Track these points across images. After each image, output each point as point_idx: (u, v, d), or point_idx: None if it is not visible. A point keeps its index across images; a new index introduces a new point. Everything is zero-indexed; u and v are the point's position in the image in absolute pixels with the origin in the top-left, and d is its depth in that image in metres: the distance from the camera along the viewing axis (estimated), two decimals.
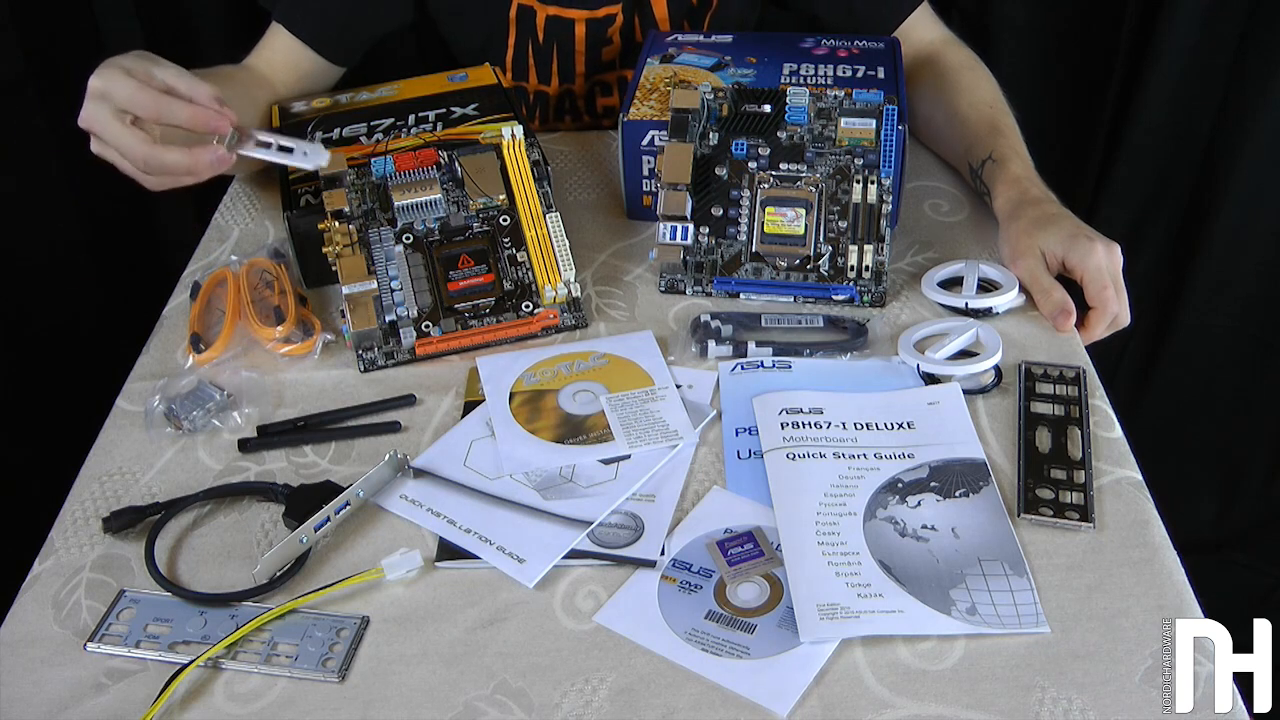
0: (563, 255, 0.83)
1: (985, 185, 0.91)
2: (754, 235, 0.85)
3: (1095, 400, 0.75)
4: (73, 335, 1.28)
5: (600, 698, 0.58)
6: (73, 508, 0.70)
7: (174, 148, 0.73)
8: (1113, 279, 0.81)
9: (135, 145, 0.72)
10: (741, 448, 0.73)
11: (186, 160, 0.73)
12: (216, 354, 0.81)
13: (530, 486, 0.70)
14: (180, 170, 0.74)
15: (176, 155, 0.73)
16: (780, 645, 0.60)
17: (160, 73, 0.73)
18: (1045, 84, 1.35)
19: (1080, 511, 0.67)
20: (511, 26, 1.04)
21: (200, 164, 0.74)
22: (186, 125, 0.73)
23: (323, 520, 0.66)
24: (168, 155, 0.73)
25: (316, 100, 0.97)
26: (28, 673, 0.60)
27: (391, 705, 0.58)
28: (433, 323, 0.81)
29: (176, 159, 0.73)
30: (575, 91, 1.09)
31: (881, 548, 0.65)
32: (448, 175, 0.85)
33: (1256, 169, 1.30)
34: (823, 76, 0.94)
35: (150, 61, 0.74)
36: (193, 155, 0.73)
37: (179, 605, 0.64)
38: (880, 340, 0.81)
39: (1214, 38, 1.25)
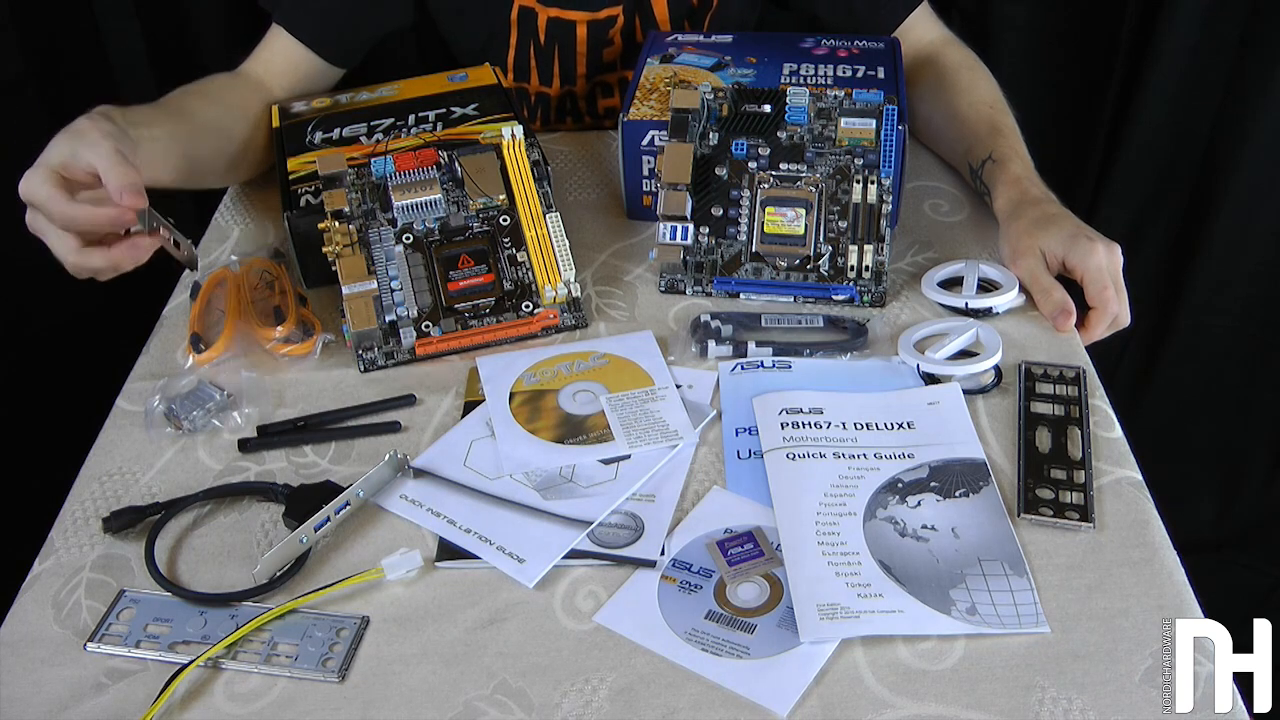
0: (563, 255, 0.83)
1: (985, 185, 0.91)
2: (754, 235, 0.85)
3: (1095, 400, 0.75)
4: (73, 335, 1.28)
5: (600, 698, 0.58)
6: (73, 508, 0.70)
7: (95, 251, 0.73)
8: (1113, 279, 0.81)
9: (63, 253, 0.74)
10: (741, 448, 0.73)
11: (107, 261, 0.74)
12: (216, 354, 0.81)
13: (530, 486, 0.70)
14: (107, 268, 0.74)
15: (98, 258, 0.74)
16: (780, 645, 0.60)
17: (84, 156, 0.73)
18: (1045, 84, 1.35)
19: (1080, 511, 0.67)
20: (513, 28, 1.04)
21: (120, 260, 0.74)
22: (90, 230, 0.73)
23: (323, 520, 0.66)
24: (91, 259, 0.74)
25: (316, 100, 0.97)
26: (28, 673, 0.60)
27: (391, 705, 0.58)
28: (433, 323, 0.81)
29: (98, 261, 0.74)
30: (576, 93, 1.09)
31: (881, 548, 0.65)
32: (448, 175, 0.85)
33: (1256, 169, 1.30)
34: (823, 76, 0.94)
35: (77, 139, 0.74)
36: (111, 255, 0.74)
37: (179, 605, 0.64)
38: (880, 340, 0.81)
39: (1214, 38, 1.25)
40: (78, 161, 0.73)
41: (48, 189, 0.72)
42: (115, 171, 0.73)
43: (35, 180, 0.72)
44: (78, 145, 0.73)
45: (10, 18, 1.16)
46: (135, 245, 0.74)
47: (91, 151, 0.73)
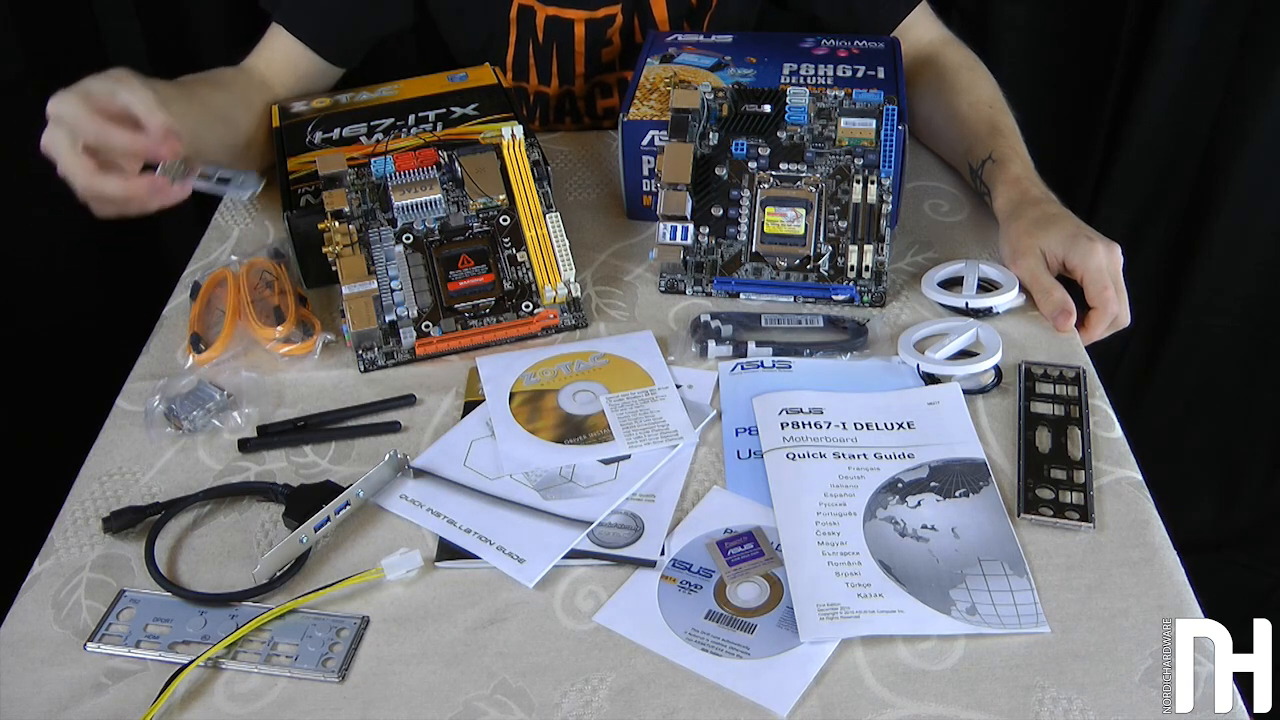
0: (563, 255, 0.83)
1: (985, 185, 0.91)
2: (754, 235, 0.85)
3: (1095, 400, 0.75)
4: (73, 335, 1.28)
5: (600, 698, 0.58)
6: (73, 508, 0.70)
7: (112, 177, 0.73)
8: (1113, 279, 0.81)
9: (76, 172, 0.72)
10: (741, 448, 0.73)
11: (122, 190, 0.73)
12: (216, 354, 0.81)
13: (530, 486, 0.70)
14: (118, 199, 0.74)
15: (113, 184, 0.73)
16: (780, 645, 0.60)
17: (123, 95, 0.73)
18: (1045, 84, 1.35)
19: (1080, 511, 0.67)
20: (512, 27, 1.04)
21: (137, 193, 0.73)
22: (125, 152, 0.73)
23: (323, 520, 0.66)
24: (106, 184, 0.72)
25: (316, 100, 0.97)
26: (28, 673, 0.60)
27: (391, 705, 0.58)
28: (433, 323, 0.81)
29: (113, 188, 0.73)
30: (575, 92, 1.09)
31: (881, 548, 0.65)
32: (448, 175, 0.85)
33: (1256, 169, 1.30)
34: (823, 76, 0.94)
35: (115, 82, 0.74)
36: (129, 185, 0.73)
37: (179, 605, 0.64)
38: (880, 340, 0.81)
39: (1214, 38, 1.25)
40: (114, 100, 0.72)
41: (81, 106, 0.71)
42: (157, 114, 0.72)
43: (69, 98, 0.71)
44: (114, 85, 0.73)
45: (10, 18, 1.16)
46: (156, 185, 0.74)
47: (130, 93, 0.72)
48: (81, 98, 0.72)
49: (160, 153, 0.73)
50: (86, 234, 1.31)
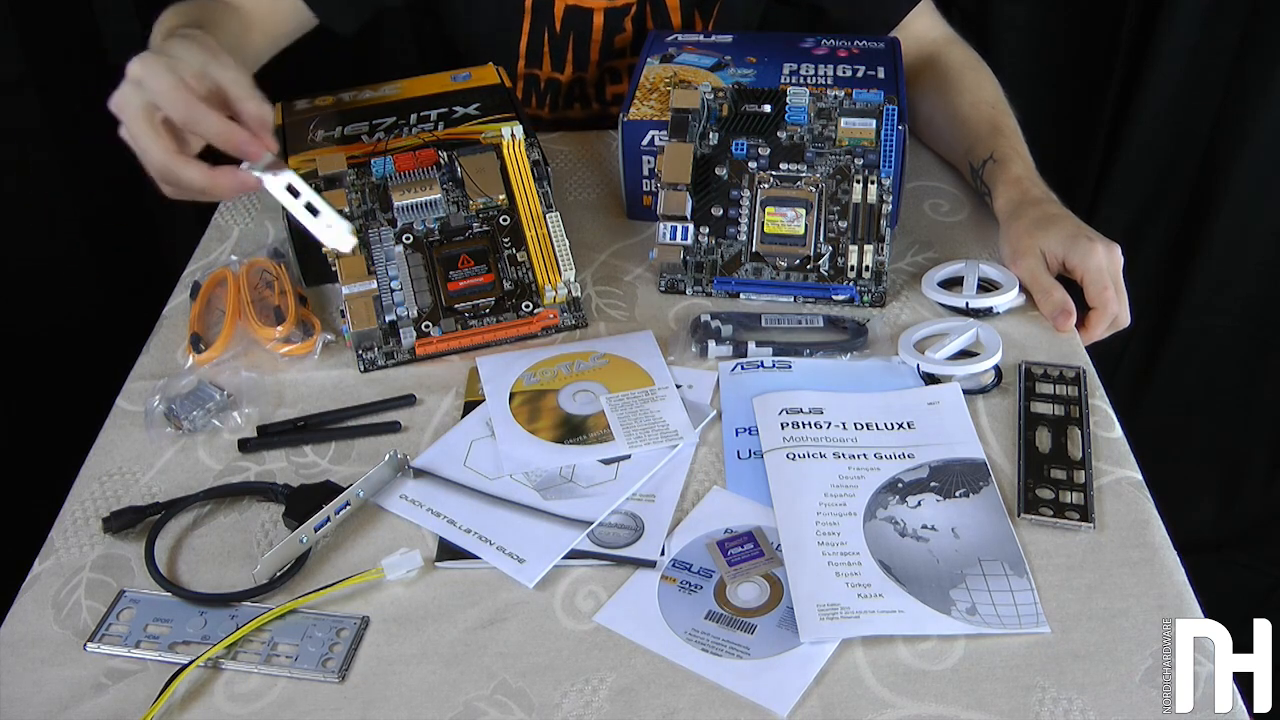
0: (563, 255, 0.83)
1: (986, 185, 0.91)
2: (754, 235, 0.85)
3: (1095, 400, 0.75)
4: (73, 335, 1.28)
5: (600, 698, 0.58)
6: (73, 508, 0.70)
7: (194, 163, 0.67)
8: (1113, 279, 0.81)
9: (154, 150, 0.67)
10: (741, 448, 0.73)
11: (204, 180, 0.68)
12: (216, 354, 0.81)
13: (530, 486, 0.70)
14: (196, 188, 0.68)
15: (195, 172, 0.67)
16: (780, 645, 0.60)
17: (215, 70, 0.67)
18: (1045, 84, 1.35)
19: (1080, 511, 0.67)
20: (527, 14, 1.04)
21: (219, 187, 0.68)
22: (215, 142, 0.67)
23: (323, 520, 0.66)
24: (186, 170, 0.67)
25: (319, 99, 0.97)
26: (28, 673, 0.60)
27: (391, 705, 0.58)
28: (433, 323, 0.81)
29: (194, 176, 0.67)
30: (587, 79, 1.09)
31: (881, 548, 0.65)
32: (448, 175, 0.85)
33: (1256, 169, 1.30)
34: (823, 76, 0.94)
35: (209, 54, 0.68)
36: (212, 175, 0.68)
37: (179, 605, 0.64)
38: (880, 340, 0.81)
39: (1214, 38, 1.25)
40: (205, 75, 0.66)
41: (169, 77, 0.64)
42: (254, 103, 0.66)
43: (156, 65, 0.64)
44: (208, 59, 0.66)
45: (10, 18, 1.16)
46: (241, 181, 0.67)
47: (224, 72, 0.66)
48: (169, 67, 0.65)
49: (251, 150, 0.67)
50: (86, 234, 1.31)
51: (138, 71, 0.66)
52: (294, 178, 0.71)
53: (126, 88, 0.66)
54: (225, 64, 0.68)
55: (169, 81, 0.65)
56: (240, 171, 0.68)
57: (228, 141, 0.67)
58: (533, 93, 1.10)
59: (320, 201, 0.72)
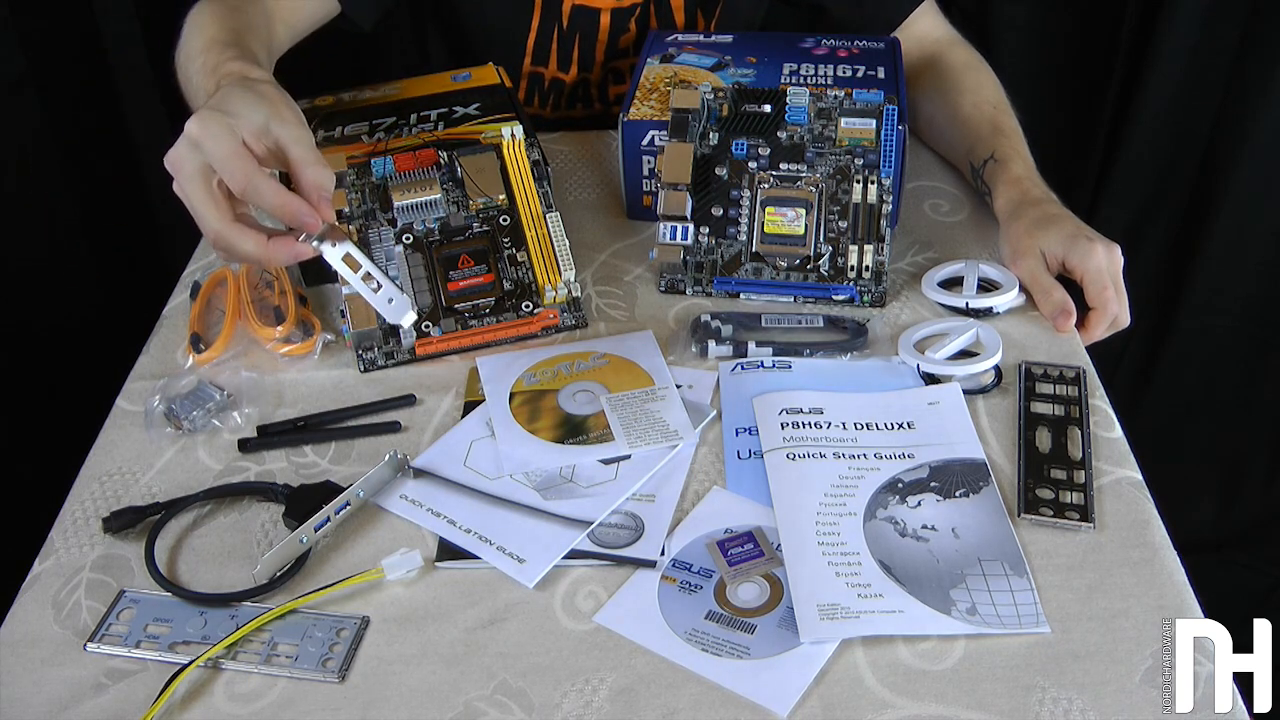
0: (563, 255, 0.83)
1: (986, 185, 0.91)
2: (754, 235, 0.85)
3: (1095, 400, 0.75)
4: (73, 335, 1.28)
5: (600, 698, 0.58)
6: (73, 508, 0.70)
7: (250, 232, 0.65)
8: (1113, 280, 0.81)
9: (210, 217, 0.65)
10: (741, 448, 0.73)
11: (259, 250, 0.66)
12: (216, 354, 0.81)
13: (530, 486, 0.70)
14: (251, 259, 0.67)
15: (250, 243, 0.65)
16: (780, 645, 0.60)
17: (277, 128, 0.65)
18: (1045, 84, 1.35)
19: (1080, 511, 0.67)
20: (536, 12, 1.04)
21: (274, 258, 0.66)
22: (272, 214, 0.65)
23: (323, 520, 0.66)
24: (241, 240, 0.65)
25: (319, 99, 0.97)
26: (28, 673, 0.60)
27: (391, 705, 0.58)
28: (433, 323, 0.81)
29: (249, 247, 0.65)
30: (591, 79, 1.09)
31: (881, 548, 0.65)
32: (448, 175, 0.85)
33: (1256, 169, 1.30)
34: (823, 76, 0.94)
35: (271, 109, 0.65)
36: (267, 247, 0.66)
37: (179, 605, 0.64)
38: (880, 340, 0.81)
39: (1214, 38, 1.26)
40: (267, 135, 0.64)
41: (233, 145, 0.62)
42: (315, 170, 0.64)
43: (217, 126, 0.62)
44: (270, 116, 0.64)
45: (10, 18, 1.16)
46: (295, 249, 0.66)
47: (286, 131, 0.64)
48: (229, 129, 0.63)
49: (309, 224, 0.65)
50: (86, 234, 1.31)
51: (196, 132, 0.64)
52: (352, 248, 0.69)
53: (184, 147, 0.64)
54: (287, 120, 0.66)
55: (228, 148, 0.63)
56: (295, 244, 0.67)
57: (285, 214, 0.65)
58: (535, 92, 1.10)
59: (379, 274, 0.70)
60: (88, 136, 1.29)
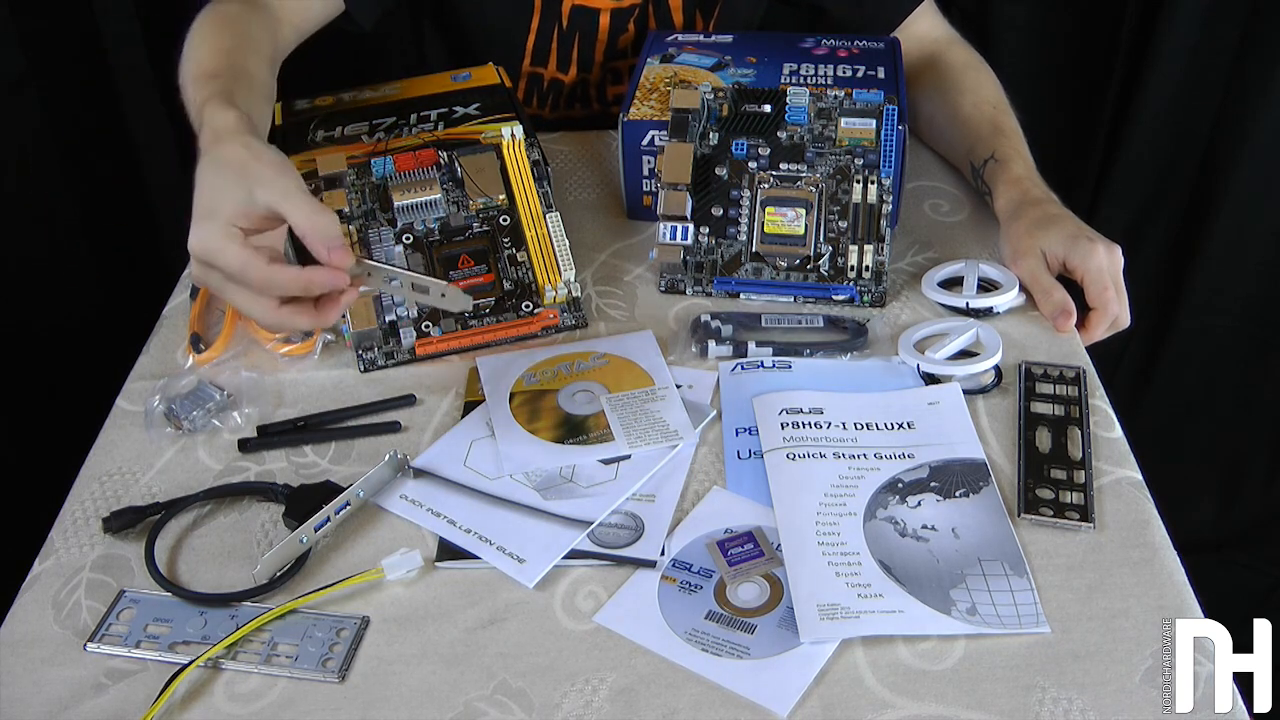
0: (563, 255, 0.83)
1: (987, 185, 0.91)
2: (754, 235, 0.85)
3: (1095, 400, 0.75)
4: (73, 335, 1.28)
5: (600, 698, 0.58)
6: (73, 508, 0.70)
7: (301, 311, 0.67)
8: (1113, 280, 0.81)
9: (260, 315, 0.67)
10: (741, 448, 0.73)
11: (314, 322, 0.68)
12: (216, 354, 0.81)
13: (530, 486, 0.70)
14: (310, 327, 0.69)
15: (304, 320, 0.67)
16: (780, 645, 0.60)
17: (261, 195, 0.65)
18: (1045, 84, 1.35)
19: (1080, 511, 0.67)
20: (535, 12, 1.04)
21: (329, 319, 0.68)
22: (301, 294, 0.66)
23: (323, 520, 0.66)
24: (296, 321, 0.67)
25: (319, 99, 0.97)
26: (28, 673, 0.60)
27: (391, 705, 0.58)
28: (433, 323, 0.81)
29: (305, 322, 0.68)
30: (590, 79, 1.09)
31: (881, 548, 0.65)
32: (448, 175, 0.85)
33: (1256, 169, 1.30)
34: (823, 76, 0.94)
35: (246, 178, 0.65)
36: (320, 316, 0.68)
37: (179, 605, 0.64)
38: (880, 340, 0.81)
39: (1214, 38, 1.26)
40: (255, 207, 0.65)
41: (238, 251, 0.63)
42: (313, 221, 0.65)
43: (216, 239, 0.64)
44: (252, 187, 0.65)
45: (10, 18, 1.16)
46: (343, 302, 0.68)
47: (270, 193, 0.65)
48: (228, 233, 0.63)
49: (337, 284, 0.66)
50: (86, 234, 1.31)
51: (199, 250, 0.65)
52: (385, 268, 0.70)
53: (200, 270, 0.66)
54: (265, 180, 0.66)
55: (236, 260, 0.64)
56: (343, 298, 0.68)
57: (311, 291, 0.66)
58: (535, 92, 1.10)
59: (420, 276, 0.71)
60: (88, 136, 1.29)
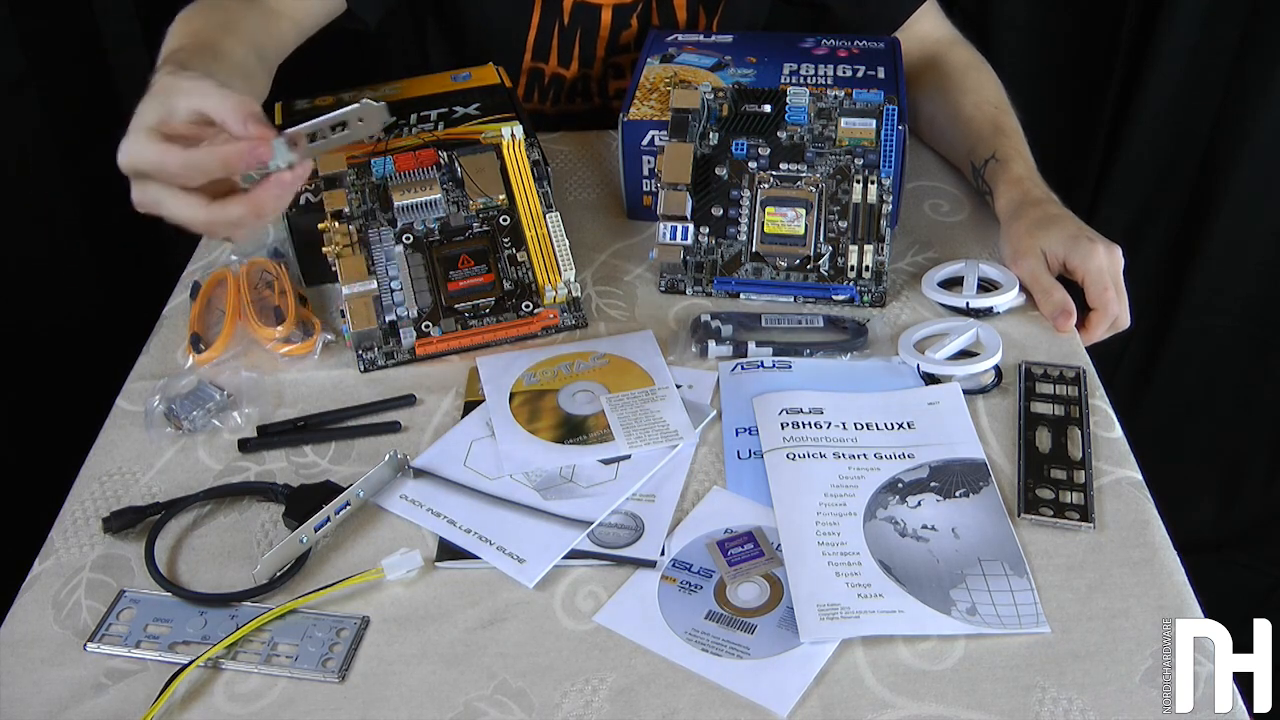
0: (563, 255, 0.83)
1: (987, 185, 0.91)
2: (754, 235, 0.85)
3: (1095, 400, 0.75)
4: (73, 335, 1.28)
5: (600, 698, 0.58)
6: (73, 508, 0.70)
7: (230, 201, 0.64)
8: (1113, 281, 0.81)
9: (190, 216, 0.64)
10: (741, 448, 0.73)
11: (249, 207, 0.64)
12: (216, 354, 0.81)
13: (530, 486, 0.70)
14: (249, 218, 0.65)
15: (237, 207, 0.64)
16: (780, 645, 0.60)
17: (183, 102, 0.64)
18: (1045, 84, 1.35)
19: (1080, 511, 0.67)
20: (536, 8, 1.04)
21: (265, 203, 0.64)
22: (225, 172, 0.64)
23: (323, 520, 0.66)
24: (228, 211, 0.64)
25: (319, 99, 0.97)
26: (28, 673, 0.60)
27: (391, 705, 0.58)
28: (433, 323, 0.81)
29: (239, 211, 0.64)
30: (592, 74, 1.09)
31: (881, 548, 0.65)
32: (448, 175, 0.85)
33: (1256, 169, 1.30)
34: (823, 76, 0.94)
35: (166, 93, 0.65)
36: (252, 198, 0.64)
37: (179, 605, 0.64)
38: (880, 340, 0.81)
39: (1214, 38, 1.26)
40: (175, 114, 0.64)
41: (155, 145, 0.62)
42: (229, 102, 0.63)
43: (136, 144, 0.63)
44: (170, 97, 0.64)
45: (10, 18, 1.16)
46: (278, 182, 0.64)
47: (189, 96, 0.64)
48: (147, 135, 0.63)
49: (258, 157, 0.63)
50: (86, 234, 1.31)
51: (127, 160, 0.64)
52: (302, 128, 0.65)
53: (133, 182, 0.65)
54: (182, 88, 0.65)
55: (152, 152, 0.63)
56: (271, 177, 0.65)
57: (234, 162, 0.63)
58: (535, 88, 1.10)
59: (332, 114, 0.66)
60: (88, 136, 1.29)
